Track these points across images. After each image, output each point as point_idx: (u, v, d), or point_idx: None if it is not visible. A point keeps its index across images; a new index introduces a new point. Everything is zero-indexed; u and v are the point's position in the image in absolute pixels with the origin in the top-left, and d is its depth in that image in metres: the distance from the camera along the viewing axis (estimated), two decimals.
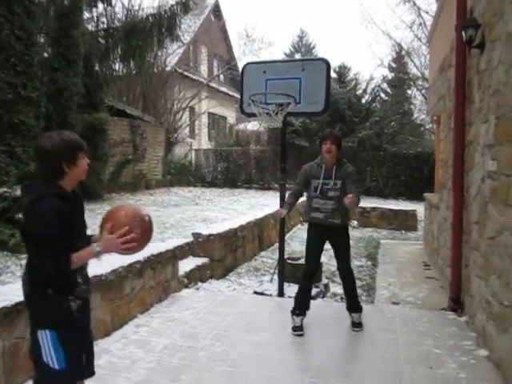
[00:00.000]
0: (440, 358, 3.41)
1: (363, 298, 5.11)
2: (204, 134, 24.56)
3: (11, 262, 5.21)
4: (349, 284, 4.09)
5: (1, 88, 7.79)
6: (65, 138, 1.96)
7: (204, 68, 24.78)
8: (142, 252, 4.27)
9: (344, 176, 3.88)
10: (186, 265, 5.40)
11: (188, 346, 3.57)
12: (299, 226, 10.29)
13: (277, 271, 5.23)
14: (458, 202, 4.45)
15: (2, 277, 4.64)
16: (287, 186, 5.21)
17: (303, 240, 8.62)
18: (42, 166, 1.96)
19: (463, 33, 4.01)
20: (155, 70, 18.46)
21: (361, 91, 20.03)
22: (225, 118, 26.63)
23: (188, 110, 21.48)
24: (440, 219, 6.02)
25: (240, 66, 20.83)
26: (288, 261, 5.63)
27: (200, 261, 5.71)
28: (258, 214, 8.18)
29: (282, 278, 5.10)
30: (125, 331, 3.82)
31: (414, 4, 18.64)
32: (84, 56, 11.04)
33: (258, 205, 12.14)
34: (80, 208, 2.10)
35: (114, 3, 13.99)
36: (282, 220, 5.15)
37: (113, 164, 13.28)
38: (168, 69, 19.92)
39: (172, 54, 20.40)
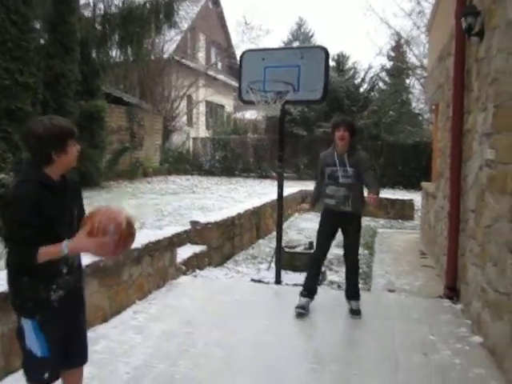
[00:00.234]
0: (435, 345, 3.45)
1: (360, 286, 5.14)
2: (202, 122, 24.47)
3: None
4: (352, 272, 4.13)
5: None
6: (56, 123, 1.90)
7: (202, 55, 24.59)
8: (140, 239, 4.31)
9: (356, 163, 3.92)
10: (184, 252, 5.42)
11: (186, 332, 3.60)
12: (296, 215, 10.31)
13: (274, 259, 5.26)
14: (455, 190, 4.46)
15: (2, 262, 4.65)
16: (285, 174, 5.21)
17: (300, 229, 8.71)
18: (30, 150, 1.92)
19: (463, 20, 3.99)
20: (152, 57, 18.33)
21: (359, 80, 19.98)
22: (223, 106, 26.50)
23: (186, 98, 21.37)
24: (437, 208, 6.04)
25: (238, 53, 20.69)
26: (285, 249, 5.66)
27: (198, 248, 5.72)
28: (256, 203, 8.19)
29: (280, 266, 5.13)
30: (123, 317, 3.84)
31: None
32: (81, 42, 10.97)
33: (255, 193, 12.16)
34: (72, 196, 2.03)
35: None
36: (280, 208, 5.17)
37: (110, 152, 13.25)
38: (165, 56, 19.77)
39: (170, 41, 20.24)
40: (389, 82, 22.29)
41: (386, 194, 12.64)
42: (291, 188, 10.82)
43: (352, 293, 4.12)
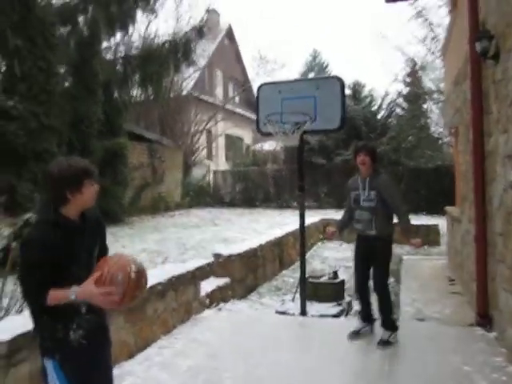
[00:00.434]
0: (469, 376, 3.31)
1: None
2: (221, 155, 24.82)
3: None
4: (379, 301, 4.06)
5: (25, 117, 8.06)
6: (72, 163, 1.91)
7: (219, 90, 25.19)
8: (163, 273, 4.32)
9: (377, 186, 3.95)
10: (208, 285, 5.40)
11: (212, 366, 3.55)
12: (319, 243, 10.21)
13: (298, 290, 5.19)
14: (481, 213, 4.38)
15: None
16: (306, 203, 5.20)
17: (324, 258, 8.61)
18: (47, 190, 1.95)
19: (477, 44, 4.01)
20: (172, 94, 18.84)
21: (376, 107, 20.03)
22: (241, 138, 26.88)
23: (205, 132, 21.77)
24: (463, 232, 5.91)
25: (254, 87, 21.08)
26: (309, 279, 5.59)
27: (221, 281, 5.70)
28: (278, 233, 8.16)
29: (305, 297, 5.06)
30: (148, 353, 3.82)
31: (426, 19, 18.67)
32: (103, 83, 11.37)
33: (276, 224, 12.12)
34: (92, 233, 2.01)
35: (130, 32, 14.48)
36: (303, 238, 5.14)
37: (132, 188, 13.49)
38: (184, 93, 20.31)
39: (188, 78, 20.83)
40: (406, 108, 22.27)
41: (410, 220, 12.45)
42: (312, 217, 10.76)
43: (383, 321, 4.04)
